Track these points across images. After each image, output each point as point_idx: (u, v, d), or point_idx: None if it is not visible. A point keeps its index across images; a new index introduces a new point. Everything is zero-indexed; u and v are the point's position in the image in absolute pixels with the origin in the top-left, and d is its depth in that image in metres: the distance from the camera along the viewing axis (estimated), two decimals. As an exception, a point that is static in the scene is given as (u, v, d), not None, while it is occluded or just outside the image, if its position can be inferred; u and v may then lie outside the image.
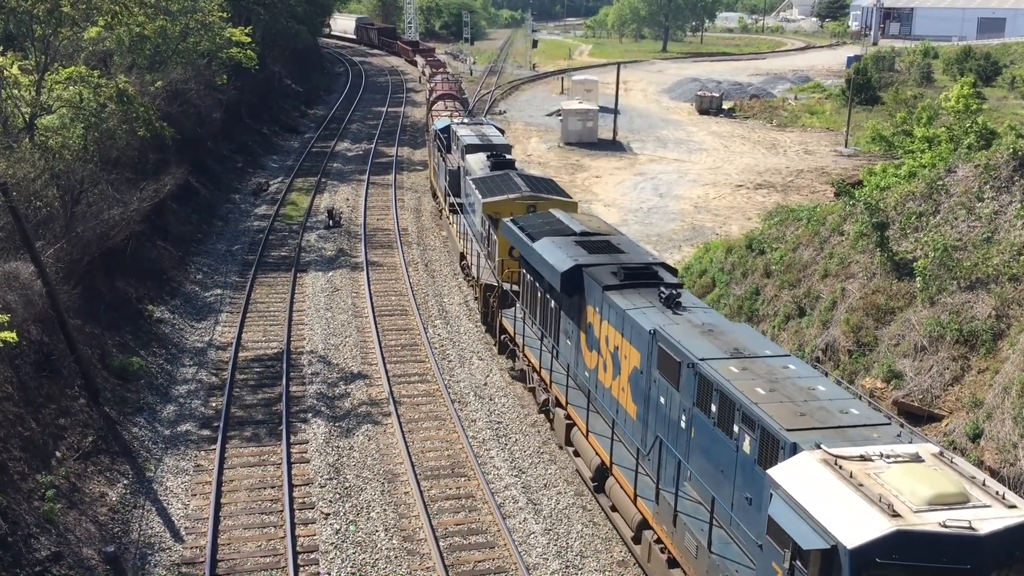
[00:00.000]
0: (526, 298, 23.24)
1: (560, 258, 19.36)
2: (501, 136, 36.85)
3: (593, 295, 18.36)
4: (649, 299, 17.12)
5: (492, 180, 29.24)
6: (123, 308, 26.11)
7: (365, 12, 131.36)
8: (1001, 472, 16.51)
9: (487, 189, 28.50)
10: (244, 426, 21.80)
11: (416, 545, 17.37)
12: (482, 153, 32.66)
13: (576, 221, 22.31)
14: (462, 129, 36.38)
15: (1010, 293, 19.25)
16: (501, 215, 25.96)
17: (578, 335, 19.50)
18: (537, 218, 23.38)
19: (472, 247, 29.82)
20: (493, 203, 27.34)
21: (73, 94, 27.42)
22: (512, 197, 27.27)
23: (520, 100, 76.63)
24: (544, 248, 20.31)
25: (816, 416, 12.63)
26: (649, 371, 16.08)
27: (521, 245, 22.07)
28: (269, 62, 59.48)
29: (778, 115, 69.50)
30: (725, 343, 15.03)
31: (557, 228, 21.74)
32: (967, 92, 40.04)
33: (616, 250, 19.93)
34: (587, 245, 20.03)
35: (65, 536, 16.42)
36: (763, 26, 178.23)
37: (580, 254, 19.37)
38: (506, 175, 29.42)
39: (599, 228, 22.32)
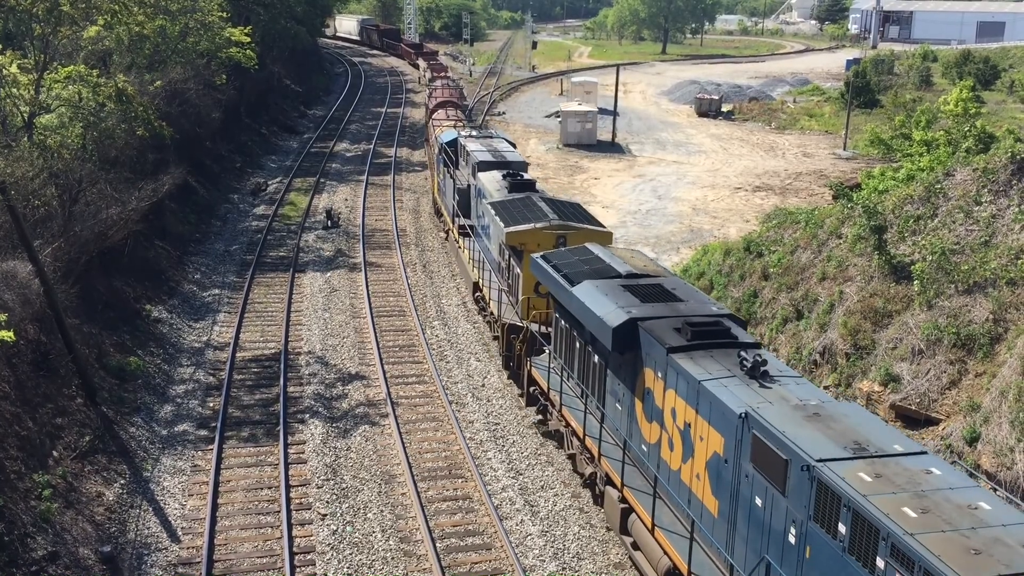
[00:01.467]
0: (561, 346, 19.89)
1: (609, 309, 16.40)
2: (515, 151, 33.96)
3: (653, 356, 15.43)
4: (726, 365, 14.32)
5: (513, 205, 25.89)
6: (121, 308, 26.10)
7: (365, 12, 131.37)
8: (998, 475, 16.53)
9: (508, 216, 24.99)
10: (241, 426, 21.79)
11: (413, 546, 17.36)
12: (496, 172, 29.67)
13: (618, 259, 19.21)
14: (472, 144, 33.34)
15: (1008, 297, 19.28)
16: (526, 247, 23.12)
17: (632, 401, 16.53)
18: (572, 255, 20.08)
19: (489, 278, 26.64)
20: (517, 233, 23.89)
21: (72, 93, 27.42)
22: (539, 227, 23.82)
23: (519, 101, 76.66)
24: (587, 295, 17.30)
25: (997, 555, 9.68)
26: (737, 462, 13.11)
27: (556, 287, 18.94)
28: (268, 62, 59.48)
29: (777, 118, 69.55)
30: (840, 433, 12.07)
31: (598, 268, 18.64)
32: (966, 96, 40.08)
33: (672, 297, 16.90)
34: (637, 291, 17.04)
35: (62, 536, 16.40)
36: (763, 29, 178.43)
37: (631, 303, 16.43)
38: (528, 199, 26.23)
39: (646, 268, 19.07)
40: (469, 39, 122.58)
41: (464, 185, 31.87)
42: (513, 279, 24.47)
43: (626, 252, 20.69)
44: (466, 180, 32.01)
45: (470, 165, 31.59)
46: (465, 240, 31.05)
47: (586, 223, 24.60)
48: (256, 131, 54.95)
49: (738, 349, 14.66)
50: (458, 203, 32.18)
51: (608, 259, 19.24)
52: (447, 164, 34.80)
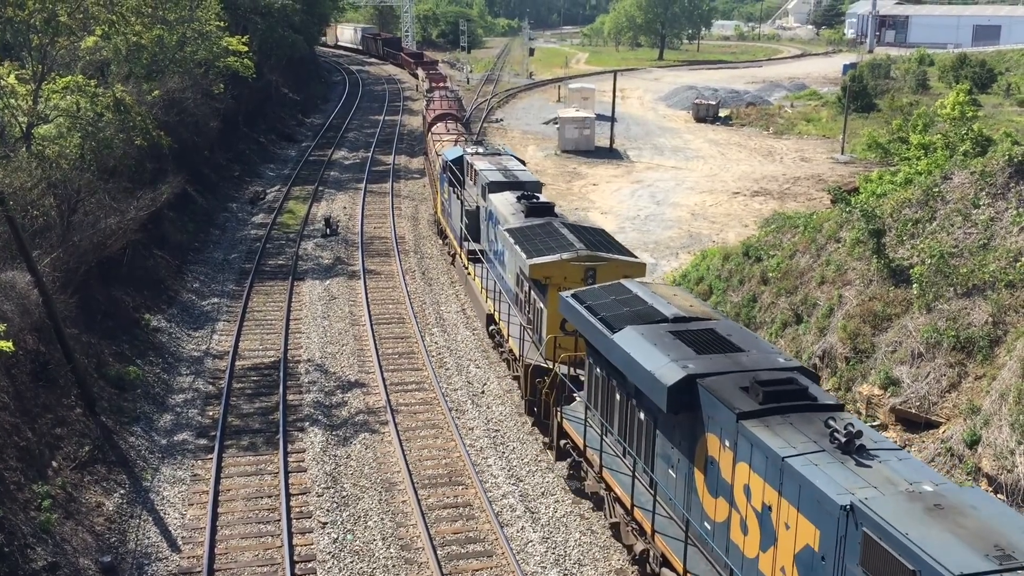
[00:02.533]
0: (596, 396, 17.66)
1: (660, 362, 14.26)
2: (526, 170, 31.55)
3: (718, 421, 13.29)
4: (811, 435, 12.21)
5: (533, 232, 23.57)
6: (120, 317, 26.09)
7: (362, 21, 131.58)
8: (999, 479, 16.52)
9: (530, 245, 22.65)
10: (241, 435, 21.76)
11: (414, 554, 17.33)
12: (509, 193, 27.44)
13: (661, 299, 17.06)
14: (480, 162, 31.11)
15: (1006, 300, 19.28)
16: (552, 280, 21.07)
17: (689, 469, 14.36)
18: (607, 293, 17.78)
19: (508, 312, 24.44)
20: (542, 266, 21.43)
21: (70, 103, 27.43)
22: (566, 258, 21.42)
23: (517, 108, 76.75)
24: (632, 344, 15.16)
25: None
26: (840, 562, 10.97)
27: (591, 331, 16.80)
28: (266, 71, 59.54)
29: (774, 122, 69.64)
30: (975, 534, 9.95)
31: (640, 311, 16.52)
32: (962, 99, 40.15)
33: (730, 346, 14.82)
34: (689, 339, 15.02)
35: (62, 546, 16.37)
36: (759, 34, 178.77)
37: (685, 355, 14.34)
38: (549, 225, 23.95)
39: (693, 309, 16.91)
40: (466, 46, 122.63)
41: (473, 207, 30.00)
42: (535, 314, 22.33)
43: (667, 290, 18.36)
44: (475, 201, 30.06)
45: (479, 186, 29.53)
46: (476, 267, 28.84)
47: (616, 253, 22.22)
48: (254, 140, 55.00)
49: (820, 413, 12.60)
50: (467, 226, 30.19)
51: (650, 299, 16.95)
52: (453, 184, 32.60)
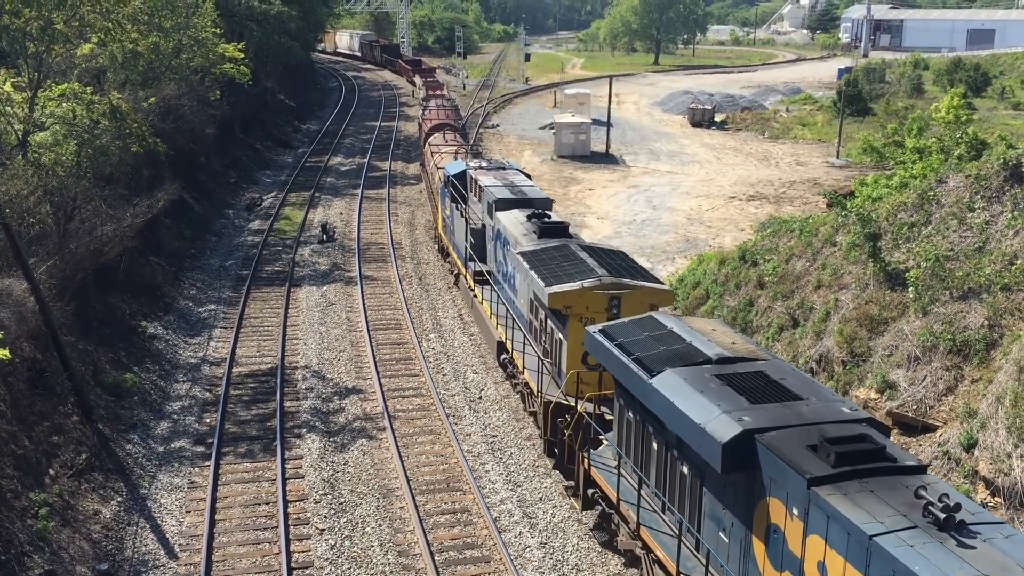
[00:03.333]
0: (628, 441, 15.97)
1: (710, 414, 12.57)
2: (535, 186, 29.68)
3: (783, 485, 11.56)
4: (899, 507, 10.53)
5: (548, 256, 21.83)
6: (116, 324, 26.07)
7: (359, 27, 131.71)
8: (996, 482, 16.54)
9: (546, 271, 20.88)
10: (238, 442, 21.74)
11: (412, 560, 17.32)
12: (518, 211, 25.93)
13: (699, 335, 15.32)
14: (485, 177, 29.43)
15: (1002, 303, 19.32)
16: (573, 310, 19.51)
17: (746, 536, 12.64)
18: (638, 328, 16.03)
19: (523, 342, 22.69)
20: (562, 294, 19.64)
21: (66, 111, 27.41)
22: (588, 286, 19.64)
23: (513, 113, 76.85)
24: (674, 390, 13.47)
25: None
26: None
27: (622, 371, 15.17)
28: (262, 77, 59.60)
29: (770, 127, 69.79)
30: None
31: (678, 349, 14.81)
32: (957, 103, 40.30)
33: (786, 393, 13.07)
34: (739, 384, 13.30)
35: (59, 554, 16.34)
36: (754, 39, 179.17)
37: (738, 405, 12.64)
38: (565, 247, 22.21)
39: (735, 346, 15.07)
40: (462, 52, 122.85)
41: (478, 225, 28.53)
42: (553, 346, 20.77)
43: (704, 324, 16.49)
44: (480, 219, 28.60)
45: (485, 203, 28.05)
46: (483, 289, 27.41)
47: (641, 279, 20.47)
48: (250, 146, 55.02)
49: (903, 478, 10.98)
50: (472, 246, 28.58)
51: (688, 336, 15.25)
52: (455, 199, 31.05)
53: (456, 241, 31.71)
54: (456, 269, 32.34)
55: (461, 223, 30.20)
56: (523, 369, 22.24)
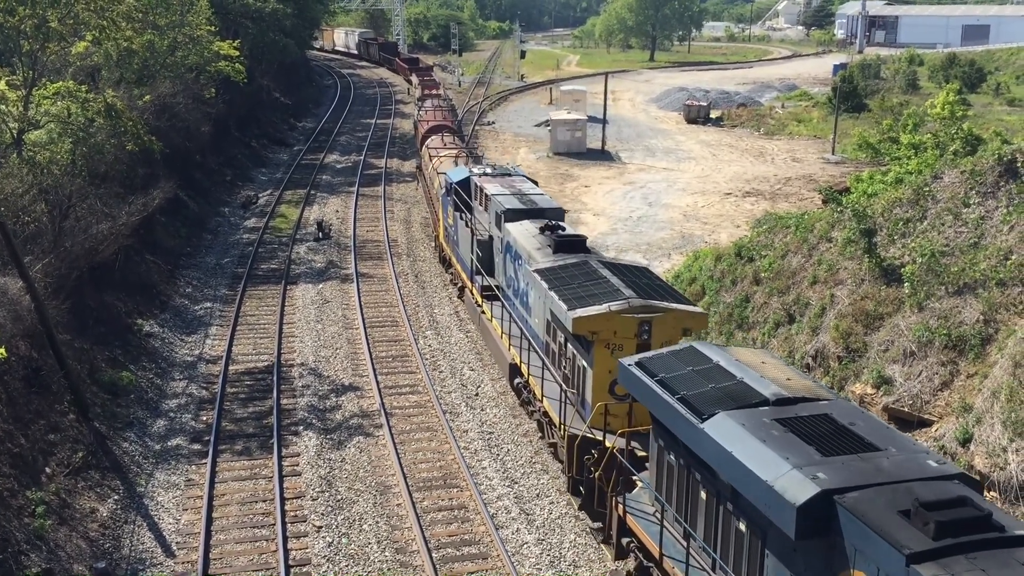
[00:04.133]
0: (670, 487, 14.24)
1: (777, 469, 10.98)
2: (544, 195, 27.71)
3: (874, 558, 10.01)
4: None
5: (567, 274, 20.09)
6: (112, 322, 26.04)
7: (354, 24, 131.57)
8: (991, 476, 16.59)
9: (567, 291, 19.09)
10: (235, 440, 21.74)
11: (409, 557, 17.33)
12: (529, 223, 24.24)
13: (749, 369, 13.68)
14: (491, 185, 27.60)
15: (997, 297, 19.37)
16: (599, 335, 17.78)
17: None
18: (680, 361, 14.37)
19: (541, 367, 20.67)
20: (587, 319, 17.82)
21: (61, 109, 27.40)
22: (615, 309, 17.81)
23: (508, 111, 76.82)
24: (730, 437, 11.89)
25: None
26: None
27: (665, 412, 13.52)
28: (257, 75, 59.52)
29: (765, 123, 69.83)
30: None
31: (728, 388, 13.16)
32: (952, 99, 40.37)
33: (861, 442, 11.50)
34: (804, 431, 11.73)
35: (56, 552, 16.33)
36: (750, 35, 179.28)
37: (809, 459, 11.08)
38: (585, 265, 20.39)
39: (792, 383, 13.36)
40: (457, 49, 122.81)
41: (485, 237, 26.95)
42: (576, 373, 19.03)
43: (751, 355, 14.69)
44: (487, 230, 26.98)
45: (492, 213, 26.35)
46: (492, 306, 25.81)
47: (673, 301, 18.64)
48: (246, 144, 54.95)
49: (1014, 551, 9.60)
50: (479, 259, 26.95)
51: (737, 371, 13.62)
52: (459, 208, 29.23)
53: (460, 252, 29.86)
54: (460, 282, 30.57)
55: (466, 234, 28.34)
56: (542, 397, 20.43)
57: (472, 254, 27.64)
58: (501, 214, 25.36)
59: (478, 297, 27.18)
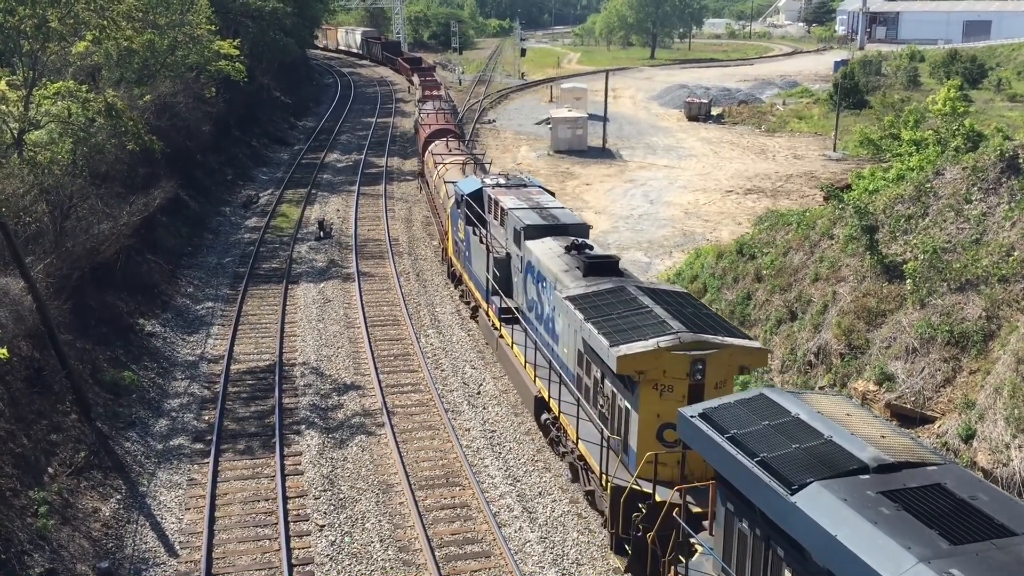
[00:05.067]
0: (740, 557, 12.28)
1: (900, 564, 9.16)
2: (565, 208, 25.65)
3: None
4: None
5: (603, 302, 18.10)
6: (114, 322, 26.04)
7: (354, 23, 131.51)
8: (994, 472, 16.58)
9: (606, 323, 17.08)
10: (237, 439, 21.74)
11: (412, 555, 17.33)
12: (552, 241, 22.34)
13: (836, 425, 11.65)
14: (507, 198, 25.69)
15: (1000, 294, 19.35)
16: (647, 375, 15.78)
17: None
18: (753, 413, 12.36)
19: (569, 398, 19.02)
20: (633, 358, 15.74)
21: (61, 109, 27.39)
22: (664, 346, 15.75)
23: (509, 109, 76.79)
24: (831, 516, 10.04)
25: None
26: None
27: (739, 474, 11.62)
28: (258, 74, 59.50)
29: (767, 120, 69.79)
30: None
31: (816, 448, 11.24)
32: (954, 95, 40.33)
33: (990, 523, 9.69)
34: (921, 509, 9.93)
35: (59, 552, 16.34)
36: (750, 32, 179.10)
37: (935, 549, 9.25)
38: (622, 291, 18.37)
39: (888, 442, 11.39)
40: (458, 47, 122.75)
41: (502, 254, 25.05)
42: (618, 414, 16.99)
43: (831, 404, 12.60)
44: (504, 247, 25.15)
45: (510, 229, 24.50)
46: (512, 330, 23.71)
47: (726, 334, 16.57)
48: (246, 143, 54.95)
49: None
50: (497, 278, 25.05)
51: (822, 427, 11.64)
52: (472, 222, 27.41)
53: (474, 270, 27.93)
54: (473, 301, 28.59)
55: (480, 251, 26.56)
56: (577, 440, 18.42)
57: (488, 273, 25.72)
58: (520, 231, 23.40)
59: (495, 320, 25.02)
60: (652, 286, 19.46)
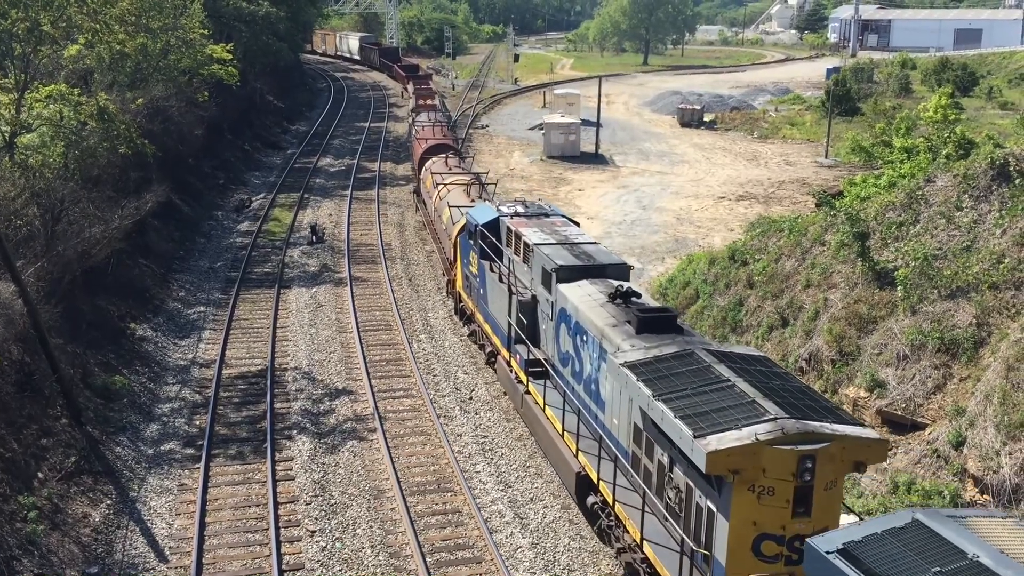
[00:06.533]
0: None
1: None
2: (598, 243, 22.94)
3: None
4: None
5: (672, 371, 14.97)
6: (105, 326, 25.95)
7: (347, 28, 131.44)
8: (984, 479, 16.62)
9: (681, 402, 13.89)
10: (228, 444, 21.67)
11: (403, 561, 17.30)
12: (589, 285, 19.42)
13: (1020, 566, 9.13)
14: (530, 231, 22.72)
15: (990, 301, 19.43)
16: (741, 474, 12.63)
17: None
18: (907, 548, 9.73)
19: (628, 485, 16.20)
20: (727, 454, 12.57)
21: (53, 112, 27.30)
22: (764, 438, 12.60)
23: (502, 114, 76.85)
24: None
25: None
26: None
27: None
28: (251, 79, 59.42)
29: (759, 127, 69.99)
30: None
31: None
32: (945, 102, 40.50)
33: None
34: None
35: (48, 557, 16.26)
36: (743, 39, 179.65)
37: None
38: (690, 357, 15.29)
39: None
40: (451, 53, 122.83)
41: (527, 297, 21.94)
42: (698, 518, 13.81)
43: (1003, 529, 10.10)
44: (529, 288, 22.05)
45: (537, 268, 21.34)
46: (543, 388, 20.25)
47: (835, 420, 13.28)
48: (239, 147, 54.85)
49: None
50: (522, 325, 21.84)
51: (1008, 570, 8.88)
52: (487, 255, 24.58)
53: (491, 311, 24.71)
54: (490, 346, 25.33)
55: (499, 290, 23.52)
56: (640, 539, 15.29)
57: (509, 317, 22.58)
58: (552, 272, 20.23)
59: (521, 374, 21.91)
60: (724, 350, 16.12)
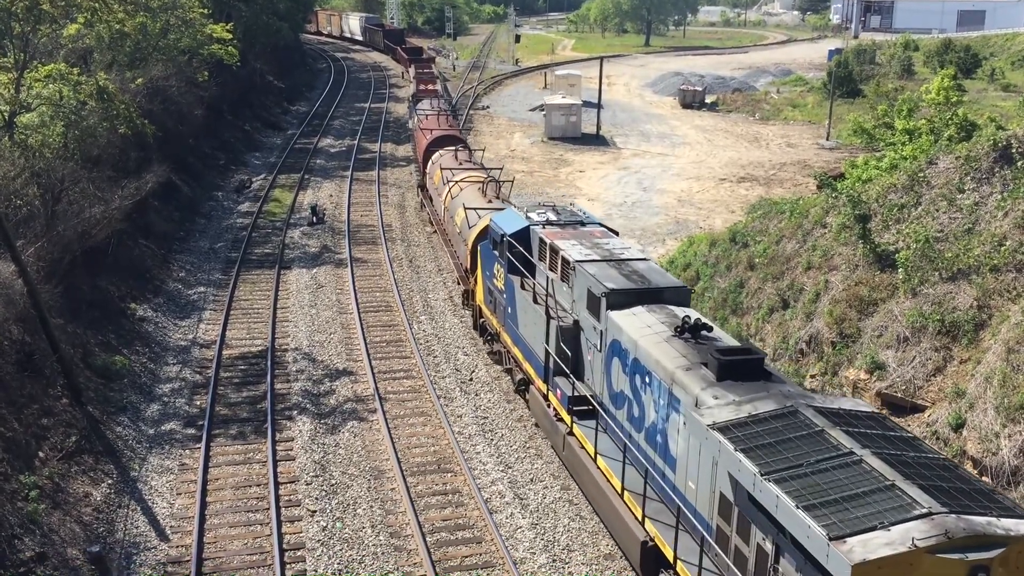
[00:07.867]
0: None
1: None
2: (649, 259, 19.72)
3: None
4: None
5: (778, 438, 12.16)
6: (105, 307, 25.95)
7: (348, 7, 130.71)
8: (983, 461, 16.66)
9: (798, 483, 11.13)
10: (229, 424, 21.72)
11: (403, 541, 17.36)
12: (646, 312, 16.85)
13: None
14: (568, 244, 19.88)
15: (991, 283, 19.40)
16: None
17: None
18: None
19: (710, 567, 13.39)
20: (876, 566, 9.74)
21: (53, 92, 27.22)
22: (925, 543, 9.87)
23: (503, 95, 76.56)
24: None
25: None
26: None
27: None
28: (251, 59, 59.19)
29: (760, 108, 69.73)
30: None
31: None
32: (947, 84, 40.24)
33: None
34: None
35: (49, 536, 16.33)
36: (745, 20, 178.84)
37: None
38: (793, 416, 12.68)
39: None
40: (452, 33, 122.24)
41: (568, 322, 19.14)
42: None
43: None
44: (570, 311, 19.29)
45: (580, 289, 18.55)
46: (595, 435, 17.48)
47: (998, 510, 10.60)
48: (239, 128, 54.68)
49: None
50: (562, 355, 19.10)
51: None
52: (516, 270, 21.64)
53: (522, 333, 21.65)
54: (520, 373, 22.44)
55: (533, 312, 20.53)
56: None
57: (547, 344, 19.60)
58: (601, 297, 17.43)
59: (563, 412, 19.11)
60: (833, 407, 13.12)
